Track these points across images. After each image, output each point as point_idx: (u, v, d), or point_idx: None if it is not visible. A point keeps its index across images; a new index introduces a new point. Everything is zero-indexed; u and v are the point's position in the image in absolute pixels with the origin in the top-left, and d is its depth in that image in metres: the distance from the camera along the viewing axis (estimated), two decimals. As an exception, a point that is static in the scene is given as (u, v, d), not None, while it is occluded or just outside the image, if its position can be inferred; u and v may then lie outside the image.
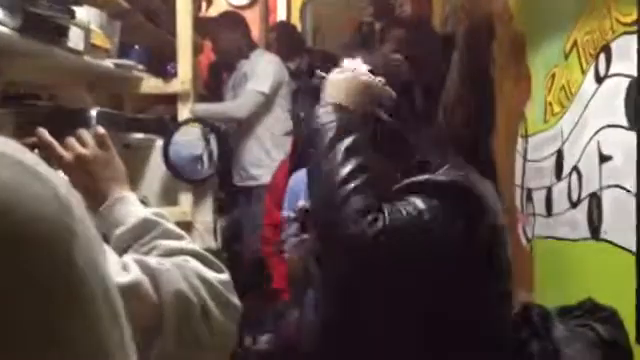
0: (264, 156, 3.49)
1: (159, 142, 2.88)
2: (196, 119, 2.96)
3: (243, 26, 3.68)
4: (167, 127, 2.91)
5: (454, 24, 3.75)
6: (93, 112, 2.19)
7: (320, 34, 5.51)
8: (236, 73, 3.64)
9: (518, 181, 2.45)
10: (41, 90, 2.13)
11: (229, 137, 3.57)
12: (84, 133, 1.11)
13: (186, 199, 2.93)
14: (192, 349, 0.89)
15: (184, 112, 2.95)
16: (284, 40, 4.36)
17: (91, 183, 1.08)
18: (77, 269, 0.41)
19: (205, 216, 3.02)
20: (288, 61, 4.02)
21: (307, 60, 4.26)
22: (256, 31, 4.60)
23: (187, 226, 2.83)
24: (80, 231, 0.42)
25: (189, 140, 2.93)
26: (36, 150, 1.10)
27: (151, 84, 2.86)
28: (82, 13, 2.00)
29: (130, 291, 0.83)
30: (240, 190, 3.68)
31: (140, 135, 2.76)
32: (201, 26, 3.49)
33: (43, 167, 0.43)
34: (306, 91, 4.03)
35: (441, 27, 4.07)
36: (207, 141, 2.97)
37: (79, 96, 2.50)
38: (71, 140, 1.10)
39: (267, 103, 3.47)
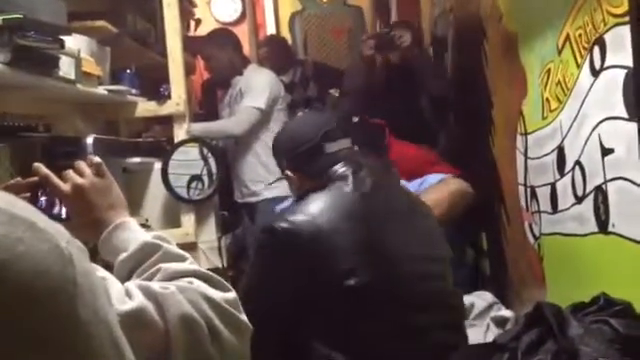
0: (263, 171, 3.48)
1: (157, 164, 2.87)
2: (193, 139, 2.96)
3: (234, 43, 3.68)
4: (164, 149, 2.90)
5: (444, 26, 3.76)
6: (89, 139, 2.19)
7: (309, 45, 5.51)
8: (231, 90, 3.63)
9: (521, 179, 2.44)
10: (36, 121, 2.12)
11: (227, 154, 3.56)
12: (80, 164, 1.11)
13: (188, 220, 2.92)
14: None
15: (180, 133, 2.94)
16: (276, 54, 4.36)
17: (90, 212, 1.08)
18: (82, 323, 0.40)
19: (209, 235, 3.01)
20: (281, 74, 4.01)
21: (300, 72, 4.26)
22: (247, 46, 4.60)
23: (191, 246, 2.82)
24: (82, 281, 0.41)
25: (187, 160, 2.92)
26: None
27: (145, 107, 2.85)
28: (71, 42, 1.99)
29: (135, 318, 0.82)
30: (242, 207, 3.67)
31: (138, 159, 2.75)
32: (191, 46, 3.49)
33: (40, 219, 0.41)
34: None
35: (430, 29, 4.08)
36: (205, 160, 2.96)
37: (74, 124, 2.49)
38: (69, 172, 1.10)
39: (264, 118, 3.46)
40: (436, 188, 2.07)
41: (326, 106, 4.07)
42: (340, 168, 1.64)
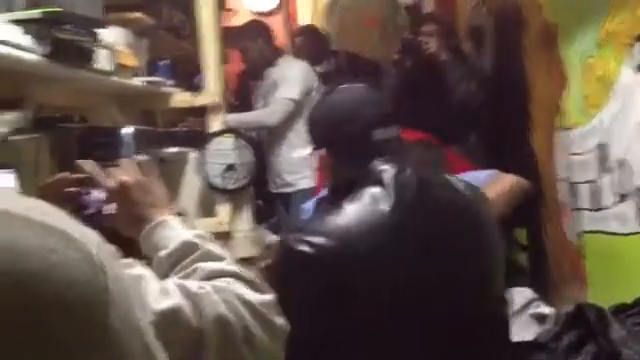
0: (298, 162, 3.47)
1: (193, 155, 2.89)
2: (228, 129, 2.96)
3: (267, 34, 3.68)
4: (200, 139, 2.92)
5: (481, 17, 3.69)
6: (126, 130, 2.20)
7: (344, 35, 5.47)
8: (265, 81, 3.64)
9: (562, 175, 2.39)
10: (73, 111, 2.14)
11: (262, 145, 3.57)
12: (126, 162, 1.14)
13: (223, 209, 2.93)
14: None
15: (215, 123, 2.95)
16: (311, 44, 4.35)
17: (134, 209, 1.10)
18: (114, 330, 0.40)
19: (244, 225, 3.02)
20: (316, 64, 4.00)
21: (334, 62, 4.24)
22: (281, 37, 4.58)
23: (225, 236, 2.83)
24: (114, 288, 0.41)
25: (222, 150, 2.93)
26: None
27: (180, 98, 2.86)
28: (108, 34, 2.00)
29: (171, 316, 0.82)
30: (277, 197, 3.68)
31: (174, 149, 2.77)
32: (225, 37, 3.49)
33: (73, 228, 0.41)
34: None
35: (467, 20, 4.01)
36: (240, 150, 2.97)
37: (111, 115, 2.51)
38: (114, 169, 1.13)
39: (297, 109, 3.46)
40: (493, 185, 1.91)
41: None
42: (381, 165, 1.35)
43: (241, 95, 4.07)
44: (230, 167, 2.94)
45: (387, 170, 1.35)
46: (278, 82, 3.52)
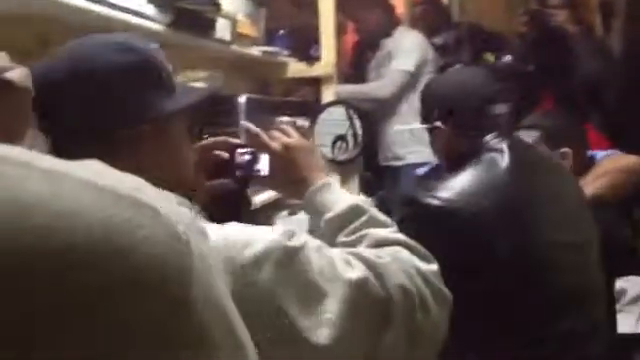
0: (409, 135, 3.43)
1: (305, 124, 2.92)
2: (340, 101, 2.97)
3: (385, 4, 3.63)
4: (312, 109, 2.94)
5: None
6: (243, 98, 2.25)
7: (465, 5, 5.31)
8: (380, 52, 3.60)
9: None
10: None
11: (373, 117, 3.55)
12: (287, 126, 1.16)
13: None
14: (413, 342, 0.88)
15: (328, 94, 2.97)
16: (430, 14, 4.25)
17: (296, 170, 1.11)
18: (195, 311, 0.39)
19: (352, 196, 3.03)
20: (434, 36, 3.91)
21: (454, 35, 4.13)
22: (400, 6, 4.51)
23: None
24: (199, 267, 0.40)
25: (334, 121, 2.95)
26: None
27: (296, 68, 2.90)
28: (228, 4, 2.05)
29: (358, 287, 0.83)
30: (386, 169, 3.66)
31: (286, 118, 2.81)
32: (343, 6, 3.47)
33: (163, 205, 0.41)
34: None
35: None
36: (351, 121, 2.97)
37: (230, 82, 2.58)
38: (275, 132, 1.15)
39: (411, 81, 3.40)
40: (609, 162, 1.89)
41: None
42: (493, 139, 1.46)
43: (356, 66, 4.06)
44: (340, 138, 2.95)
45: (500, 142, 1.47)
46: (393, 53, 3.48)
